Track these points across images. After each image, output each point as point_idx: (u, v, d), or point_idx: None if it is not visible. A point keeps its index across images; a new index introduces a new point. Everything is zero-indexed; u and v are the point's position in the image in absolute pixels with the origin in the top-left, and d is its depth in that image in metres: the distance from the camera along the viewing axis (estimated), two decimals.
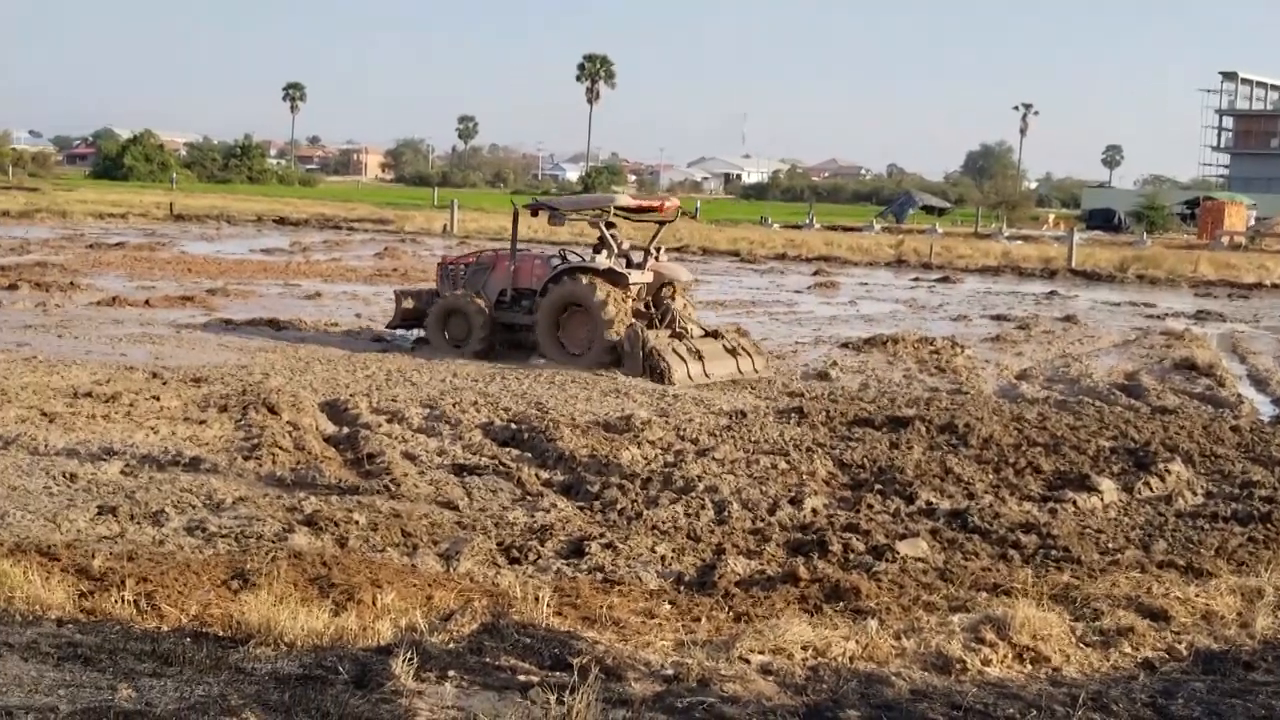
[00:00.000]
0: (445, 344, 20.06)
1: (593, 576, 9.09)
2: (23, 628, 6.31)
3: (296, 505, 10.46)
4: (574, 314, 19.23)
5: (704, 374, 18.19)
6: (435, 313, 20.36)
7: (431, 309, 20.47)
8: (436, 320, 20.32)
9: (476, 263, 21.18)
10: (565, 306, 19.29)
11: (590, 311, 18.91)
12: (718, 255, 48.47)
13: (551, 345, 19.30)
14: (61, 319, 21.66)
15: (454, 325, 20.16)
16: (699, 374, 18.14)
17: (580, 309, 19.10)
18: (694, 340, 18.86)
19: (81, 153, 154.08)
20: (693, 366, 18.19)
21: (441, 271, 21.50)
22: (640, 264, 19.95)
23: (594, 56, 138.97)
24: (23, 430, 12.51)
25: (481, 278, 20.52)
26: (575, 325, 19.22)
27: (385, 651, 6.04)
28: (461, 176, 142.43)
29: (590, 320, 18.93)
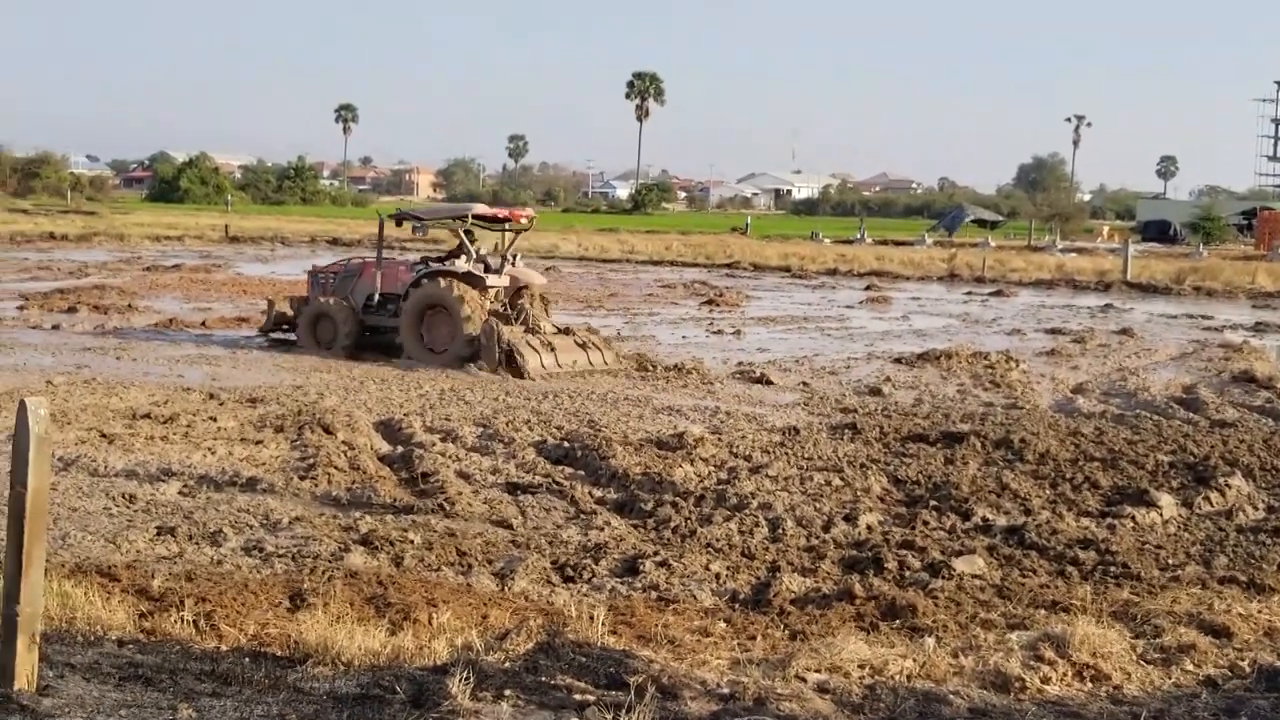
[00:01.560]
0: (314, 345, 21.48)
1: (647, 595, 9.09)
2: (84, 648, 6.37)
3: (352, 525, 10.52)
4: (435, 314, 20.64)
5: (556, 364, 19.70)
6: (305, 317, 21.87)
7: (302, 314, 21.96)
8: (307, 324, 21.82)
9: (344, 270, 22.66)
10: (427, 308, 20.71)
11: (450, 311, 20.34)
12: (769, 271, 48.46)
13: (415, 344, 20.71)
14: (119, 341, 21.91)
15: (322, 328, 21.63)
16: (551, 364, 19.64)
17: (441, 309, 20.51)
18: (546, 335, 20.37)
19: (138, 176, 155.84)
20: (545, 357, 19.68)
21: (312, 279, 22.99)
22: (498, 269, 21.46)
23: (643, 74, 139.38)
24: (83, 451, 12.66)
25: (350, 284, 22.04)
26: (437, 325, 20.62)
27: (441, 671, 6.05)
28: (512, 195, 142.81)
29: (450, 319, 20.35)
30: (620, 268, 49.53)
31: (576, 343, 20.50)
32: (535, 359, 19.53)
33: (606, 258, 54.51)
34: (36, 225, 59.80)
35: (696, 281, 41.54)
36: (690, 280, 42.17)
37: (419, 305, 20.75)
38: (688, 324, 28.71)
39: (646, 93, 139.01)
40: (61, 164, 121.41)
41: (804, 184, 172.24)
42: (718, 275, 45.84)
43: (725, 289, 38.26)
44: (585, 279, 42.41)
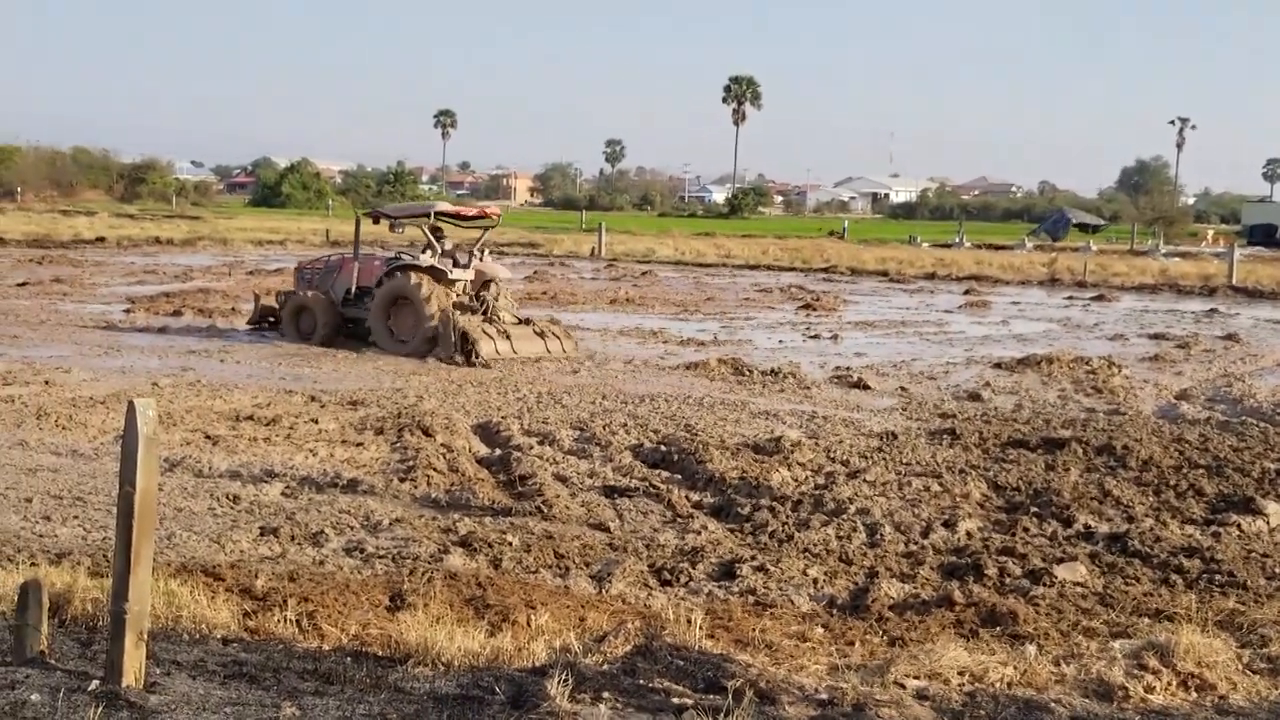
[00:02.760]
0: (296, 336, 22.86)
1: (744, 599, 9.06)
2: (190, 646, 6.49)
3: (451, 526, 10.61)
4: (402, 306, 21.89)
5: (512, 351, 21.08)
6: (288, 309, 23.35)
7: (285, 306, 23.41)
8: (289, 316, 23.27)
9: (325, 265, 24.11)
10: (395, 300, 21.97)
11: (413, 303, 21.61)
12: (866, 275, 48.15)
13: (383, 334, 22.04)
14: (223, 344, 22.30)
15: (304, 320, 23.04)
16: (506, 351, 21.02)
17: (407, 301, 21.75)
18: (505, 325, 21.66)
19: (241, 181, 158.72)
20: (500, 345, 21.04)
21: (297, 274, 24.52)
22: (465, 263, 22.71)
23: (740, 78, 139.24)
24: (188, 453, 12.90)
25: (330, 278, 23.43)
26: (404, 316, 21.87)
27: (540, 673, 6.08)
28: (609, 199, 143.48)
29: (414, 311, 21.58)
30: (716, 272, 49.46)
31: (535, 332, 21.84)
32: (489, 346, 20.86)
33: (703, 262, 54.47)
34: (143, 230, 61.11)
35: (793, 286, 41.38)
36: (787, 284, 42.01)
37: (387, 297, 22.05)
38: (784, 328, 28.60)
39: (743, 97, 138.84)
40: (167, 170, 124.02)
41: (902, 187, 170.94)
42: (814, 279, 45.63)
43: (822, 293, 38.06)
44: (681, 283, 42.41)
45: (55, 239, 53.51)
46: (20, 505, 10.86)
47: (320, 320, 22.75)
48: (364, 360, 20.86)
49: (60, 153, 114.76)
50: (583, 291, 37.32)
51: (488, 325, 21.40)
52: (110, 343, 22.11)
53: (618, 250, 57.69)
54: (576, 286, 39.45)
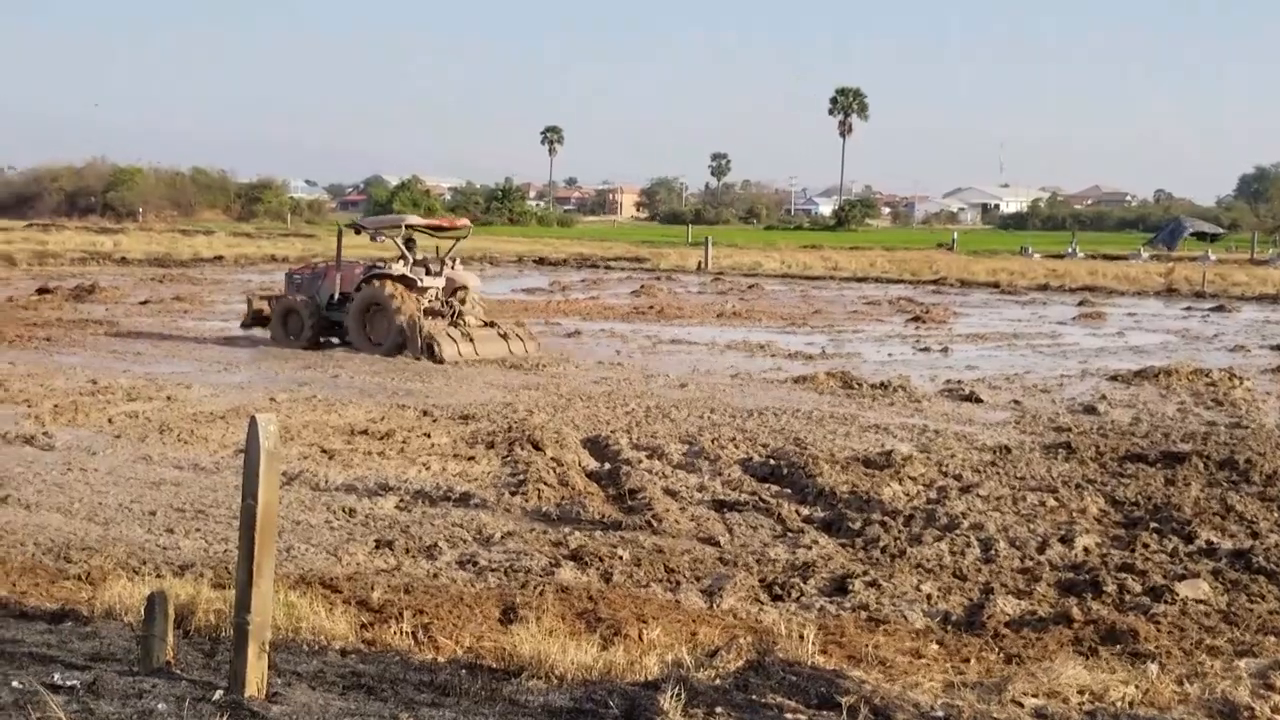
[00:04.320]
0: (284, 337, 24.53)
1: (857, 614, 9.00)
2: (309, 657, 6.59)
3: (562, 540, 10.67)
4: (376, 311, 23.56)
5: (474, 353, 22.76)
6: (277, 312, 25.04)
7: (275, 309, 25.07)
8: (278, 318, 24.95)
9: (312, 272, 25.86)
10: (369, 305, 23.66)
11: (385, 308, 23.27)
12: (976, 287, 47.60)
13: (360, 337, 23.71)
14: (336, 359, 22.65)
15: (291, 322, 24.67)
16: (469, 353, 22.71)
17: (380, 307, 23.40)
18: (470, 328, 23.41)
19: (353, 200, 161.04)
20: (463, 347, 22.77)
21: (287, 280, 26.18)
22: (436, 272, 24.47)
23: (846, 89, 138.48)
24: (305, 467, 13.12)
25: (316, 284, 25.02)
26: (378, 320, 23.53)
27: (653, 687, 6.08)
28: (715, 213, 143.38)
29: (386, 315, 23.26)
30: (824, 285, 49.23)
31: (499, 334, 23.64)
32: (452, 348, 22.59)
33: (810, 275, 54.23)
34: (259, 248, 62.36)
35: (902, 298, 41.03)
36: (895, 297, 41.67)
37: (363, 303, 23.75)
38: (893, 341, 28.36)
39: (849, 108, 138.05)
40: (281, 189, 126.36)
41: (1012, 198, 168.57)
42: (924, 292, 45.20)
43: (932, 305, 37.69)
44: (788, 296, 42.26)
45: (175, 258, 54.80)
46: (144, 518, 11.13)
47: (306, 322, 24.40)
48: (473, 375, 21.05)
49: (180, 173, 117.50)
50: (689, 306, 37.34)
51: (452, 329, 23.23)
52: (228, 358, 22.57)
53: (724, 264, 57.67)
54: (683, 301, 39.49)
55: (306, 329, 24.37)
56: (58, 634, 6.82)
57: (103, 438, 14.77)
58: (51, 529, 10.70)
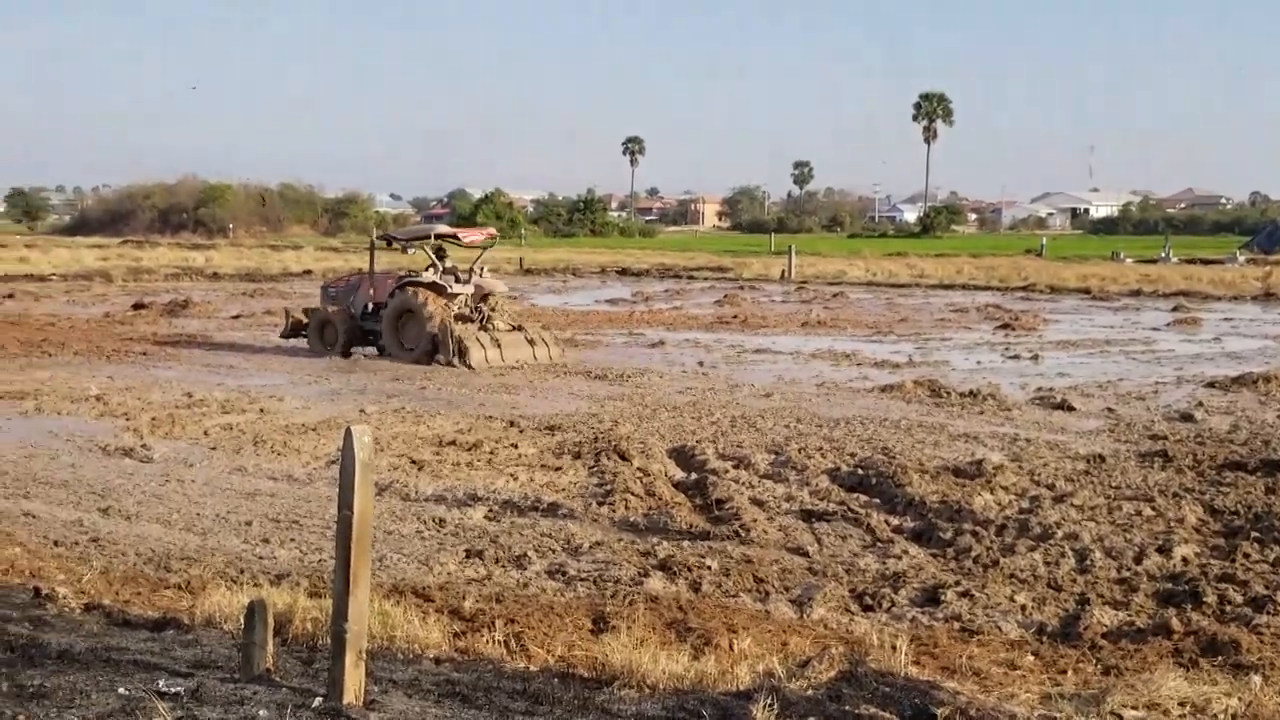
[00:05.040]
0: (321, 347, 25.44)
1: (949, 625, 8.92)
2: (404, 665, 6.65)
3: (650, 550, 10.68)
4: (408, 318, 24.42)
5: (500, 357, 23.64)
6: (314, 323, 26.01)
7: (312, 320, 26.00)
8: (315, 329, 25.91)
9: (346, 284, 26.80)
10: (402, 313, 24.51)
11: (417, 315, 24.15)
12: (1066, 293, 47.05)
13: (393, 344, 24.55)
14: (424, 372, 22.86)
15: (327, 333, 25.63)
16: (495, 357, 23.60)
17: (412, 314, 24.26)
18: (498, 333, 24.26)
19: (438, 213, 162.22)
20: (490, 352, 23.65)
21: (323, 293, 27.14)
22: (465, 279, 25.29)
23: (930, 95, 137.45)
24: (395, 478, 13.25)
25: (350, 295, 25.91)
26: (410, 327, 24.42)
27: (745, 697, 6.07)
28: (797, 222, 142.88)
29: (418, 322, 24.13)
30: (909, 292, 48.89)
31: (526, 339, 24.52)
32: (480, 352, 23.48)
33: (895, 282, 53.90)
34: (346, 261, 63.02)
35: (990, 305, 40.65)
36: (983, 304, 41.29)
37: (396, 311, 24.61)
38: (982, 349, 28.10)
39: (934, 114, 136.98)
40: (367, 203, 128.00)
41: (1102, 202, 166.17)
42: (1012, 298, 44.75)
43: (1021, 312, 37.31)
44: (874, 305, 42.02)
45: (265, 273, 55.67)
46: (240, 528, 11.31)
47: (340, 332, 25.34)
48: (559, 386, 21.15)
49: (268, 189, 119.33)
50: (773, 315, 37.26)
51: (481, 334, 24.05)
52: (319, 372, 22.86)
53: (808, 272, 57.48)
54: (767, 310, 39.41)
55: (341, 338, 25.26)
56: (160, 641, 6.94)
57: (199, 450, 15.03)
58: (152, 539, 10.90)
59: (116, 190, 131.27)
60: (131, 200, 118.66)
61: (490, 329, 24.43)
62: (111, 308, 37.36)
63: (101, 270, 53.49)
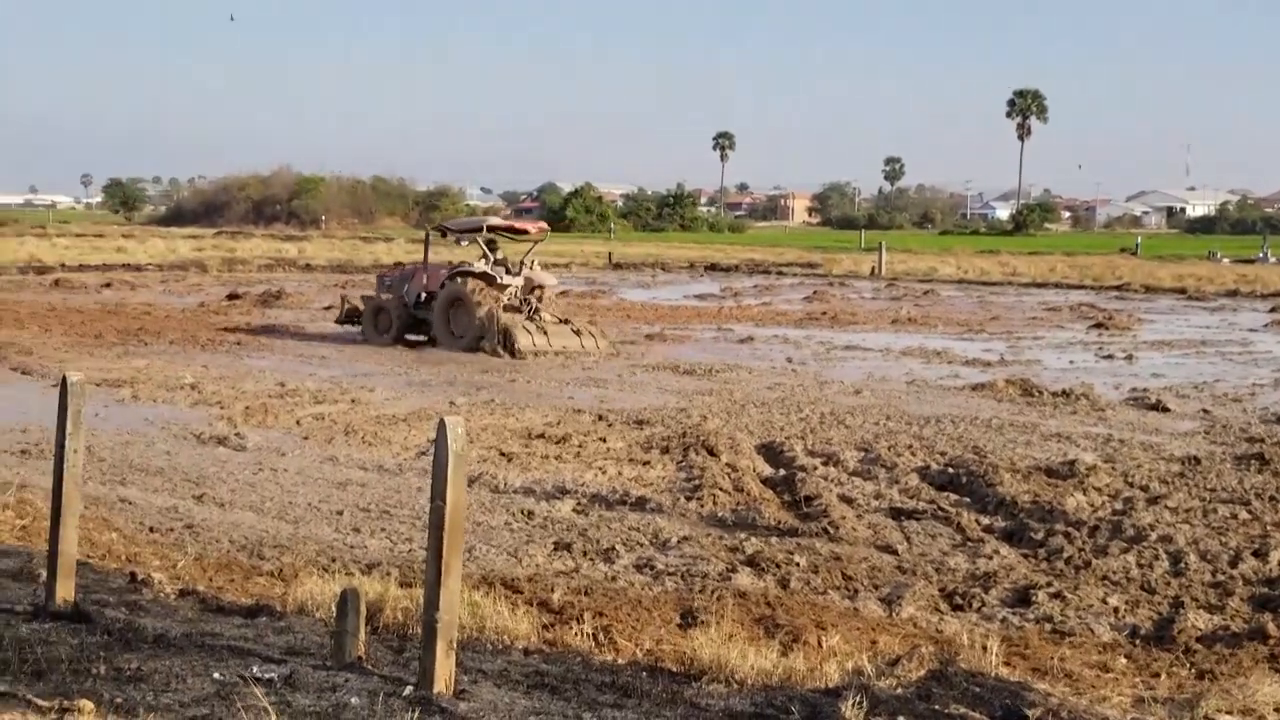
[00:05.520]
0: (375, 334, 26.20)
1: (1040, 626, 8.82)
2: (493, 656, 6.70)
3: (738, 546, 10.67)
4: (458, 307, 25.16)
5: (547, 346, 24.12)
6: (368, 310, 26.82)
7: (366, 307, 26.81)
8: (369, 316, 26.67)
9: (401, 273, 27.71)
10: (453, 302, 25.23)
11: (466, 304, 24.86)
12: (1161, 293, 46.27)
13: (444, 332, 25.27)
14: (513, 364, 22.99)
15: (381, 320, 26.38)
16: (543, 345, 24.08)
17: (462, 303, 24.98)
18: (544, 323, 24.84)
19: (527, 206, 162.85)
20: (537, 340, 24.15)
21: (378, 281, 28.12)
22: (515, 271, 25.98)
23: (1024, 91, 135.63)
24: (484, 469, 13.35)
25: (404, 284, 26.61)
26: (460, 316, 25.12)
27: (834, 694, 6.05)
28: (888, 218, 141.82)
29: (467, 311, 24.79)
30: (1001, 290, 48.35)
31: (572, 330, 24.97)
32: (527, 340, 24.00)
33: (987, 280, 53.34)
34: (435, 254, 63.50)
35: (1083, 304, 40.08)
36: (1076, 303, 40.72)
37: (447, 300, 25.35)
38: (1075, 348, 27.73)
39: (1028, 110, 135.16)
40: (458, 196, 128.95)
41: (1199, 201, 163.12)
42: (1106, 298, 44.10)
43: (1115, 312, 36.75)
44: (965, 302, 41.61)
45: (356, 264, 56.21)
46: (332, 517, 11.46)
47: (393, 319, 26.08)
48: (647, 381, 21.17)
49: (361, 182, 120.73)
50: (863, 312, 37.04)
51: (528, 324, 24.66)
52: (409, 363, 23.08)
53: (898, 269, 57.04)
54: (856, 306, 39.18)
55: (394, 325, 26.01)
56: (253, 628, 7.05)
57: (291, 439, 15.24)
58: (245, 526, 11.07)
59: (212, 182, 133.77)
60: (226, 192, 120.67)
61: (537, 320, 25.07)
62: (206, 298, 37.98)
63: (197, 260, 54.38)
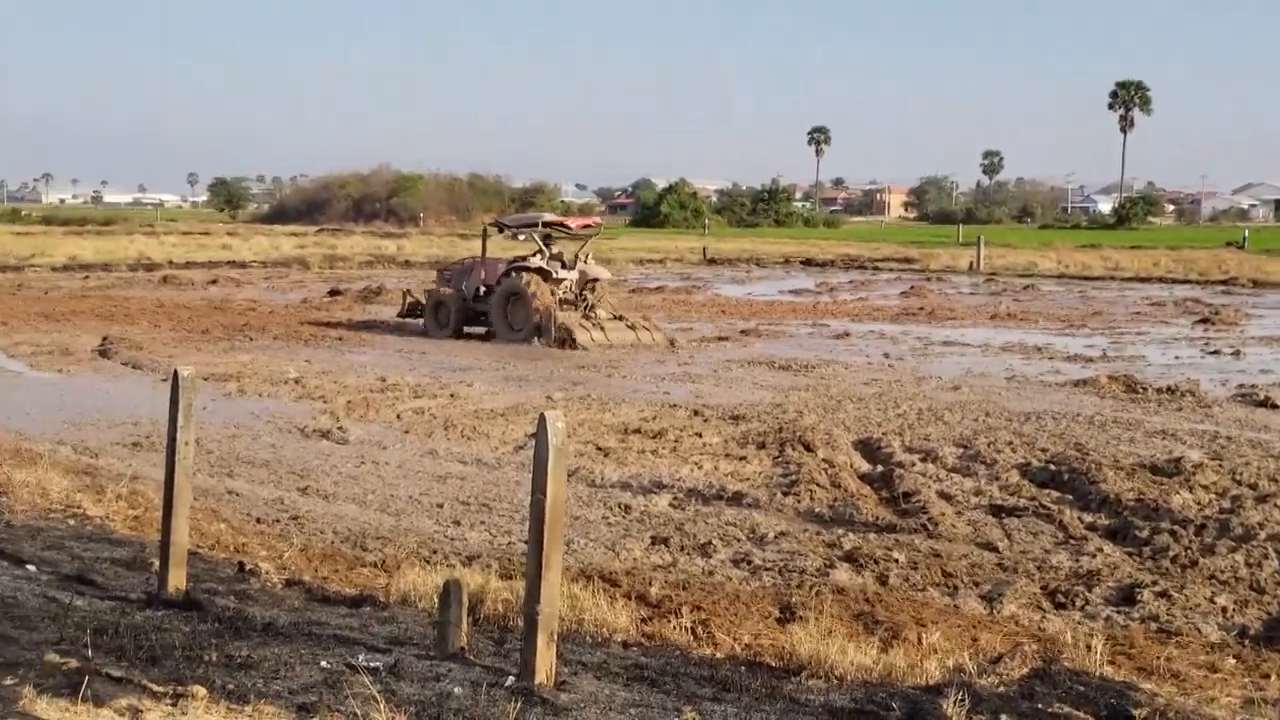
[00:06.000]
0: (436, 327, 26.98)
1: (1146, 625, 8.68)
2: (593, 648, 6.75)
3: (835, 541, 10.63)
4: (515, 301, 25.89)
5: (605, 339, 24.68)
6: (430, 304, 27.65)
7: (428, 301, 27.65)
8: (430, 309, 27.51)
9: (461, 267, 28.49)
10: (510, 296, 26.00)
11: (523, 298, 25.57)
12: (1271, 288, 45.22)
13: (501, 325, 26.05)
14: (609, 359, 23.06)
15: (441, 313, 27.23)
16: (601, 339, 24.66)
17: (519, 297, 25.68)
18: (601, 319, 25.58)
19: (621, 202, 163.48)
20: (595, 334, 24.81)
21: (439, 275, 29.25)
22: (571, 266, 26.75)
23: (1127, 83, 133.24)
24: (581, 464, 13.40)
25: (464, 278, 27.46)
26: (517, 310, 25.86)
27: (935, 691, 6.01)
28: (986, 212, 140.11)
29: (524, 305, 25.53)
30: (1103, 285, 47.59)
31: (627, 325, 25.58)
32: (585, 335, 24.74)
33: (1088, 275, 52.51)
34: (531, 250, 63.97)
35: (1188, 299, 39.31)
36: (1181, 298, 39.96)
37: (504, 294, 26.13)
38: (1180, 344, 27.21)
39: (1131, 102, 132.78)
40: (554, 193, 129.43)
41: None
42: (1212, 292, 43.19)
43: (1221, 306, 36.00)
44: (1066, 298, 41.02)
45: (454, 260, 56.59)
46: (432, 510, 11.60)
47: (453, 312, 26.97)
48: (743, 376, 21.14)
49: (458, 179, 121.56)
50: (961, 307, 36.67)
51: (584, 319, 25.40)
52: (506, 358, 23.24)
53: (997, 264, 56.33)
54: (954, 302, 38.79)
55: (453, 319, 26.92)
56: (358, 617, 7.17)
57: (392, 433, 15.44)
58: (348, 518, 11.24)
59: (313, 180, 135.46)
60: (327, 190, 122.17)
61: (592, 315, 25.78)
62: (308, 294, 38.57)
63: (299, 257, 55.22)
